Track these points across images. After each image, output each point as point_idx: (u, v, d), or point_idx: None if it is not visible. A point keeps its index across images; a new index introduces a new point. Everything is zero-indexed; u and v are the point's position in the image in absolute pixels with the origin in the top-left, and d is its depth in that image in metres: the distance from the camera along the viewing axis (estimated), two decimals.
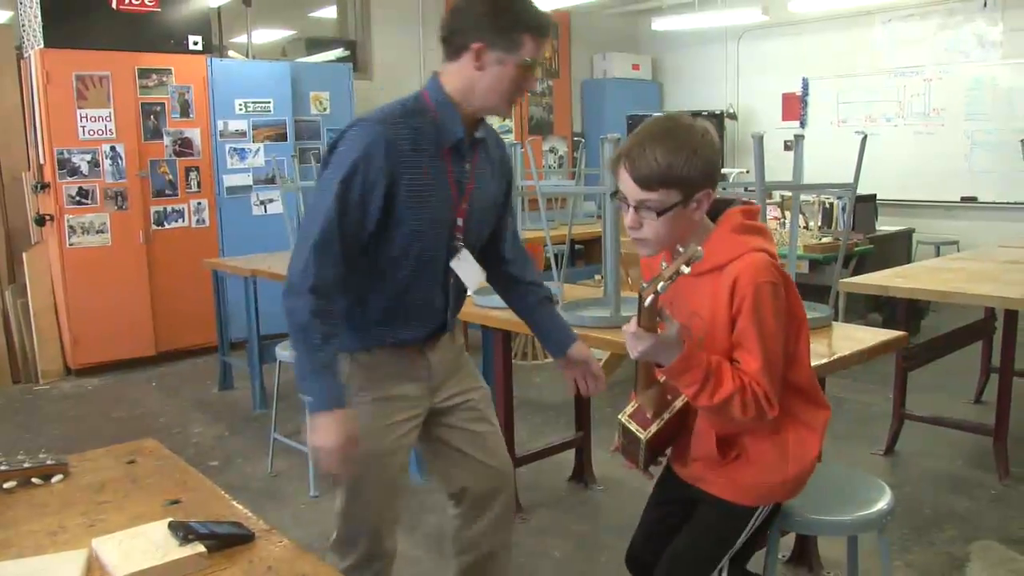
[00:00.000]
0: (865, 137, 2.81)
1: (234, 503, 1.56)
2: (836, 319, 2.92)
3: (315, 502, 3.64)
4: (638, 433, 1.83)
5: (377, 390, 1.95)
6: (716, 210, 1.79)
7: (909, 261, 6.42)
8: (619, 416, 1.89)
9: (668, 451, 1.98)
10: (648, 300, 1.56)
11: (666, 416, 1.82)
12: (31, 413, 5.08)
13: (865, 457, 4.00)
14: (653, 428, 1.81)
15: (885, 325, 5.19)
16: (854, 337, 2.71)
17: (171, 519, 1.39)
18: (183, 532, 1.34)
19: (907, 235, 6.94)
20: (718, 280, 1.71)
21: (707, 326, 1.73)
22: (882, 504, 2.03)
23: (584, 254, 7.97)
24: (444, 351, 2.05)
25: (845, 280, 3.88)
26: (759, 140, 2.70)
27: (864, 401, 4.80)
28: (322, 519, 3.49)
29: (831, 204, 6.24)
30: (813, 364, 2.38)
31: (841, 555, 3.07)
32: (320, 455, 1.78)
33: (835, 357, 2.48)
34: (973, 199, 7.55)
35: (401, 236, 1.84)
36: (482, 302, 3.07)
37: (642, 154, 1.64)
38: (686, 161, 1.63)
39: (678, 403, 1.82)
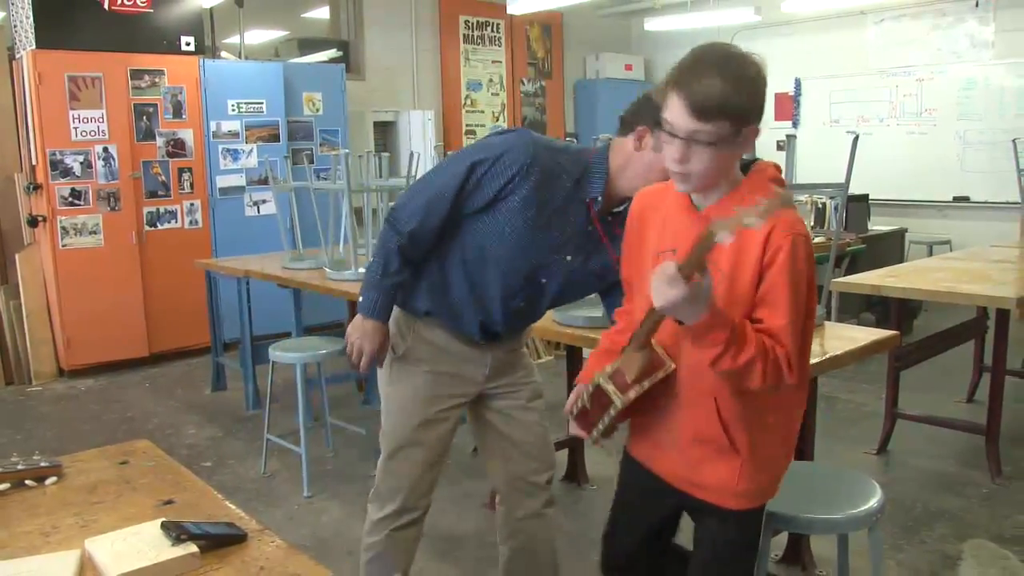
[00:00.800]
0: (857, 137, 2.82)
1: (227, 503, 1.57)
2: (829, 319, 2.93)
3: (308, 503, 3.64)
4: (614, 396, 1.66)
5: (435, 363, 2.17)
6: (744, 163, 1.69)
7: (902, 261, 6.45)
8: (597, 375, 1.72)
9: (626, 423, 1.84)
10: (711, 240, 1.38)
11: (646, 384, 1.65)
12: (24, 414, 5.07)
13: (857, 456, 4.01)
14: (632, 394, 1.65)
15: (878, 325, 5.21)
16: (846, 336, 2.72)
17: (164, 519, 1.40)
18: (176, 532, 1.34)
19: (900, 235, 6.97)
20: (747, 229, 1.52)
21: (727, 278, 1.58)
22: (872, 502, 2.04)
23: None
24: (504, 352, 2.24)
25: (838, 280, 3.90)
26: None
27: (856, 401, 4.82)
28: (315, 520, 3.49)
29: (823, 204, 6.26)
30: None
31: (834, 554, 3.09)
32: (352, 349, 2.10)
33: (827, 356, 2.49)
34: (965, 199, 7.59)
35: (487, 234, 2.02)
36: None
37: (699, 81, 1.49)
38: (745, 90, 1.51)
39: (660, 373, 1.67)
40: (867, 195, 6.66)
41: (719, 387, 1.64)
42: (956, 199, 7.64)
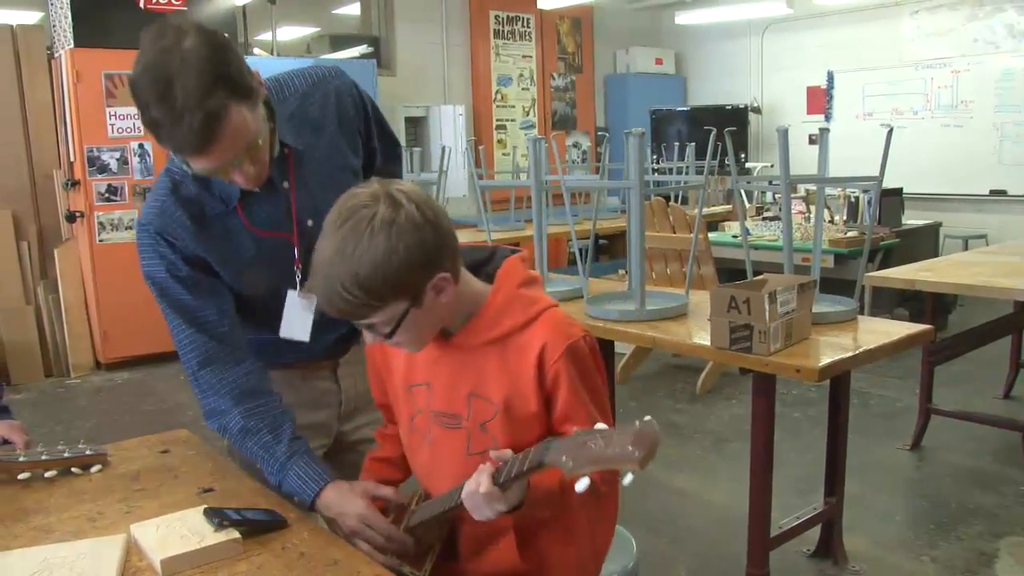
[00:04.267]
0: (891, 130, 2.80)
1: (266, 491, 1.59)
2: (861, 313, 2.91)
3: None
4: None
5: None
6: (479, 261, 1.46)
7: (936, 255, 6.36)
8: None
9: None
10: (551, 467, 1.16)
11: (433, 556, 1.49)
12: (64, 406, 5.17)
13: (891, 452, 3.98)
14: (428, 564, 1.48)
15: (912, 320, 5.15)
16: (880, 330, 2.70)
17: (205, 506, 1.43)
18: (218, 519, 1.37)
19: (934, 229, 6.87)
20: (510, 352, 1.36)
21: (502, 412, 1.36)
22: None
23: (608, 249, 7.97)
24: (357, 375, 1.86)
25: (871, 274, 3.86)
26: (784, 134, 2.70)
27: (889, 396, 4.78)
28: None
29: (856, 198, 6.19)
30: (839, 357, 2.39)
31: (868, 548, 3.08)
32: (359, 543, 1.49)
33: (861, 350, 2.47)
34: (1003, 192, 7.47)
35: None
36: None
37: (327, 288, 1.24)
38: (382, 271, 1.21)
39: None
40: (901, 189, 6.58)
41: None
42: (993, 192, 7.53)
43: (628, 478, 1.06)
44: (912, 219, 6.78)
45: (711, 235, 5.77)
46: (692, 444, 4.15)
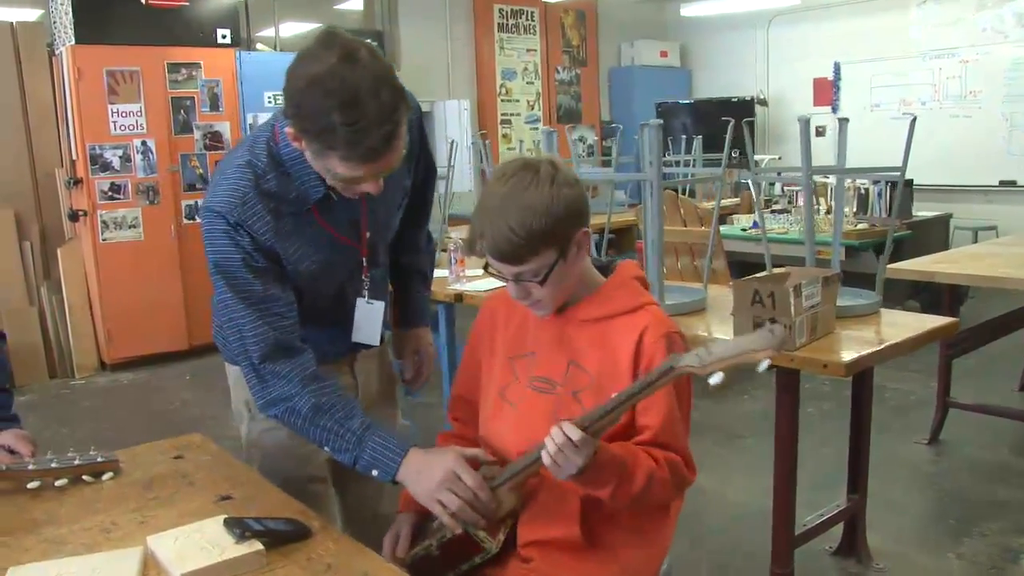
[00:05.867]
0: (914, 119, 2.75)
1: (287, 497, 1.54)
2: None
3: None
4: (485, 543, 1.50)
5: None
6: (600, 265, 1.62)
7: (947, 247, 6.30)
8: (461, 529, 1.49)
9: None
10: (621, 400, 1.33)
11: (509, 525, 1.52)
12: (69, 408, 5.12)
13: (909, 447, 3.92)
14: (501, 535, 1.50)
15: (924, 312, 5.09)
16: (904, 324, 2.64)
17: (225, 516, 1.37)
18: (239, 529, 1.31)
19: (944, 220, 6.80)
20: (613, 331, 1.49)
21: (594, 381, 1.49)
22: None
23: (615, 243, 7.90)
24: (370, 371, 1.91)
25: (892, 266, 3.80)
26: (805, 123, 2.64)
27: (904, 389, 4.72)
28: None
29: (866, 190, 6.13)
30: (862, 353, 2.34)
31: (890, 545, 3.02)
32: (445, 516, 1.47)
33: (886, 344, 2.41)
34: (1012, 183, 7.40)
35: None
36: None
37: (495, 229, 1.40)
38: (545, 215, 1.39)
39: (478, 558, 1.52)
40: (911, 180, 6.51)
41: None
42: (1003, 183, 7.45)
43: (764, 364, 1.21)
44: (922, 211, 6.72)
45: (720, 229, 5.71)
46: (706, 440, 4.09)
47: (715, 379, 1.21)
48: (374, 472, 1.52)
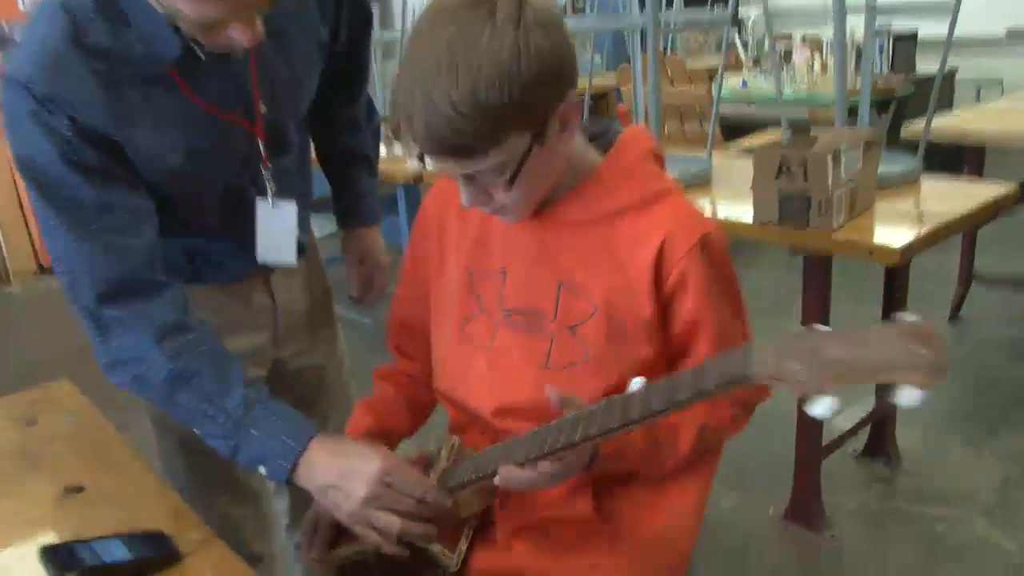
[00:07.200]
0: None
1: (163, 490, 1.10)
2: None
3: None
4: (442, 558, 1.08)
5: None
6: (592, 134, 1.11)
7: (951, 106, 5.84)
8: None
9: None
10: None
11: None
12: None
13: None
14: (463, 543, 1.09)
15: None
16: (954, 193, 2.20)
17: (44, 544, 0.93)
18: (60, 565, 0.87)
19: (950, 76, 6.30)
20: (619, 237, 1.03)
21: (599, 310, 1.03)
22: None
23: (593, 110, 7.36)
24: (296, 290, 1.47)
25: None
26: None
27: (922, 265, 4.34)
28: None
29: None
30: (917, 233, 1.89)
31: (918, 444, 2.69)
32: (386, 545, 1.05)
33: (941, 223, 1.97)
34: (1022, 33, 6.86)
35: None
36: None
37: (429, 107, 0.87)
38: (508, 80, 0.86)
39: None
40: (916, 32, 5.96)
41: None
42: (1010, 33, 6.91)
43: (910, 398, 0.70)
44: (926, 66, 6.19)
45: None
46: None
47: (820, 409, 0.71)
48: (261, 469, 1.07)
